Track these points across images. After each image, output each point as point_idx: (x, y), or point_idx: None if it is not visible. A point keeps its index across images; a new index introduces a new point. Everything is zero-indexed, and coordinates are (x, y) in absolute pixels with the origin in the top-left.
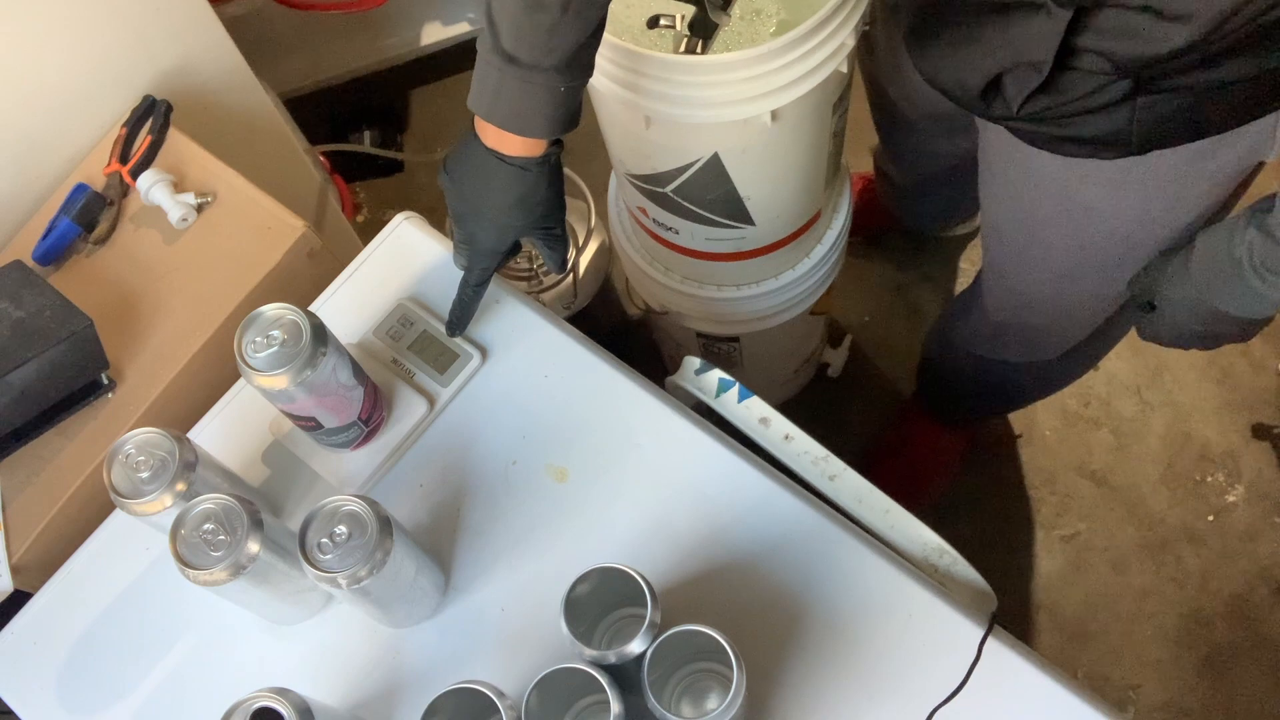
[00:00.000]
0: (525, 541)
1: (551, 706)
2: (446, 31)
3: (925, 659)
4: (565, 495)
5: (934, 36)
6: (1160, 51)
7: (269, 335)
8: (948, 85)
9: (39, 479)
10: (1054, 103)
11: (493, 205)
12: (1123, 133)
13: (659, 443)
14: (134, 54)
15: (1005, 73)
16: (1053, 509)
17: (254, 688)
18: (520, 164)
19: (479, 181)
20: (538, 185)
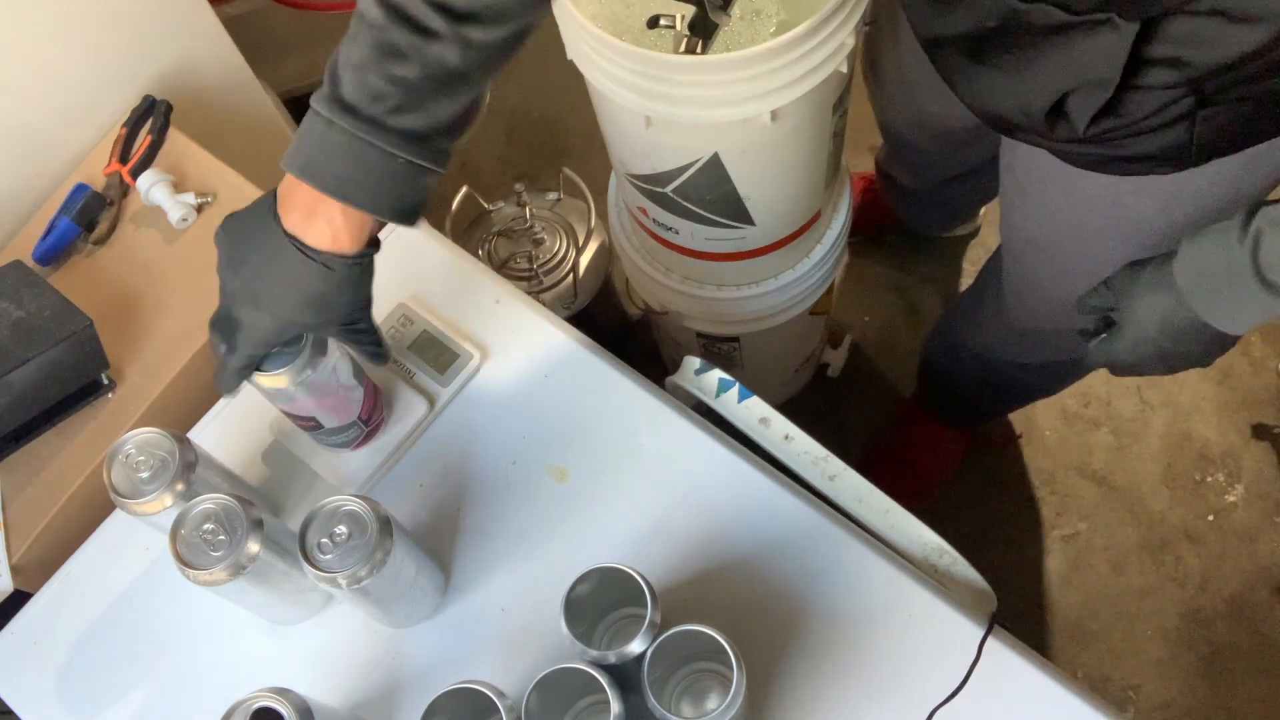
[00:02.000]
0: (525, 541)
1: (551, 706)
2: None
3: (925, 659)
4: (565, 495)
5: (990, 64)
6: (1230, 56)
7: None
8: (1006, 111)
9: (39, 479)
10: (1119, 124)
11: (275, 299)
12: (1183, 147)
13: (659, 443)
14: (134, 54)
15: (1070, 94)
16: (1053, 509)
17: (254, 688)
18: (321, 259)
19: (263, 266)
20: (341, 287)
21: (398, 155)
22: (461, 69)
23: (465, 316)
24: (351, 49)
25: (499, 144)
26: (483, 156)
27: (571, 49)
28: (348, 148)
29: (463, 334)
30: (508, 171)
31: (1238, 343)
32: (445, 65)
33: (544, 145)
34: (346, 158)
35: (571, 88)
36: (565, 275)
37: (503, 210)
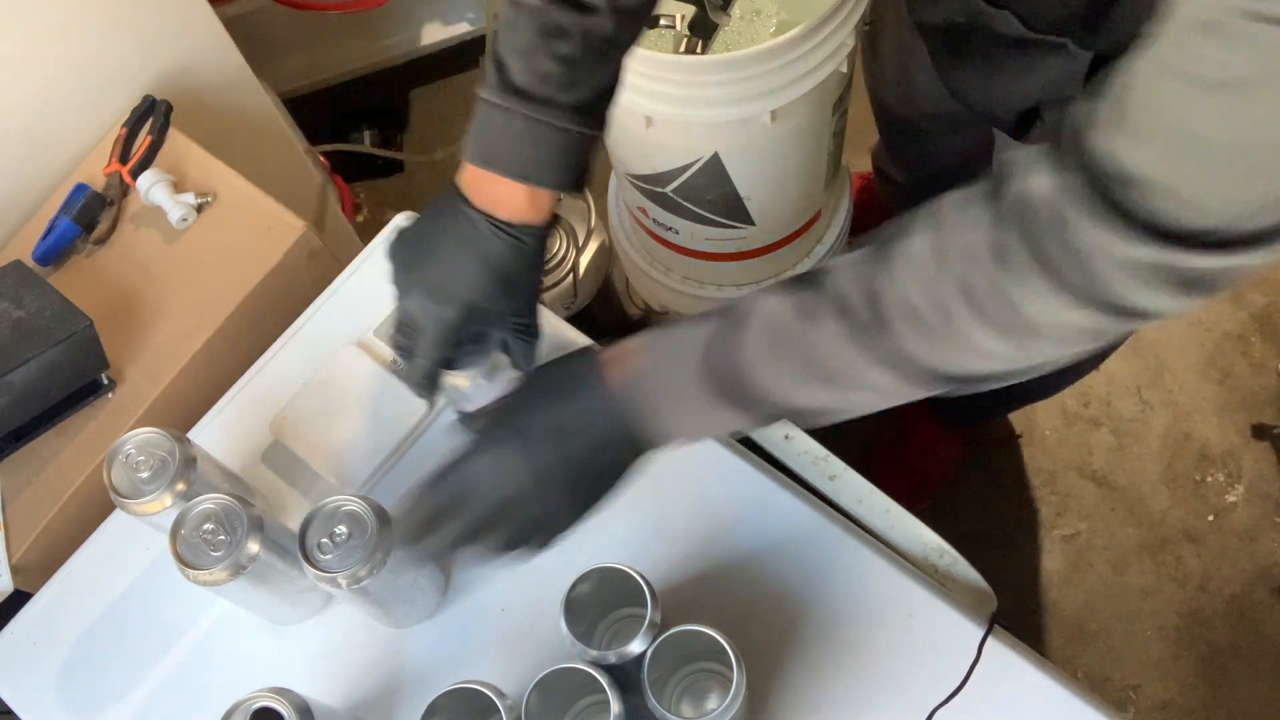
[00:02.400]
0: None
1: (551, 706)
2: (446, 31)
3: (925, 659)
4: None
5: (966, 60)
6: None
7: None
8: (980, 109)
9: (39, 479)
10: None
11: (464, 283)
12: None
13: None
14: (134, 54)
15: (1042, 105)
16: (1053, 509)
17: (254, 688)
18: (514, 231)
19: (455, 251)
20: (530, 263)
21: (571, 130)
22: (615, 36)
23: None
24: (512, 35)
25: None
26: None
27: None
28: (526, 131)
29: None
30: None
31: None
32: (603, 35)
33: None
34: (527, 141)
35: None
36: (565, 275)
37: None
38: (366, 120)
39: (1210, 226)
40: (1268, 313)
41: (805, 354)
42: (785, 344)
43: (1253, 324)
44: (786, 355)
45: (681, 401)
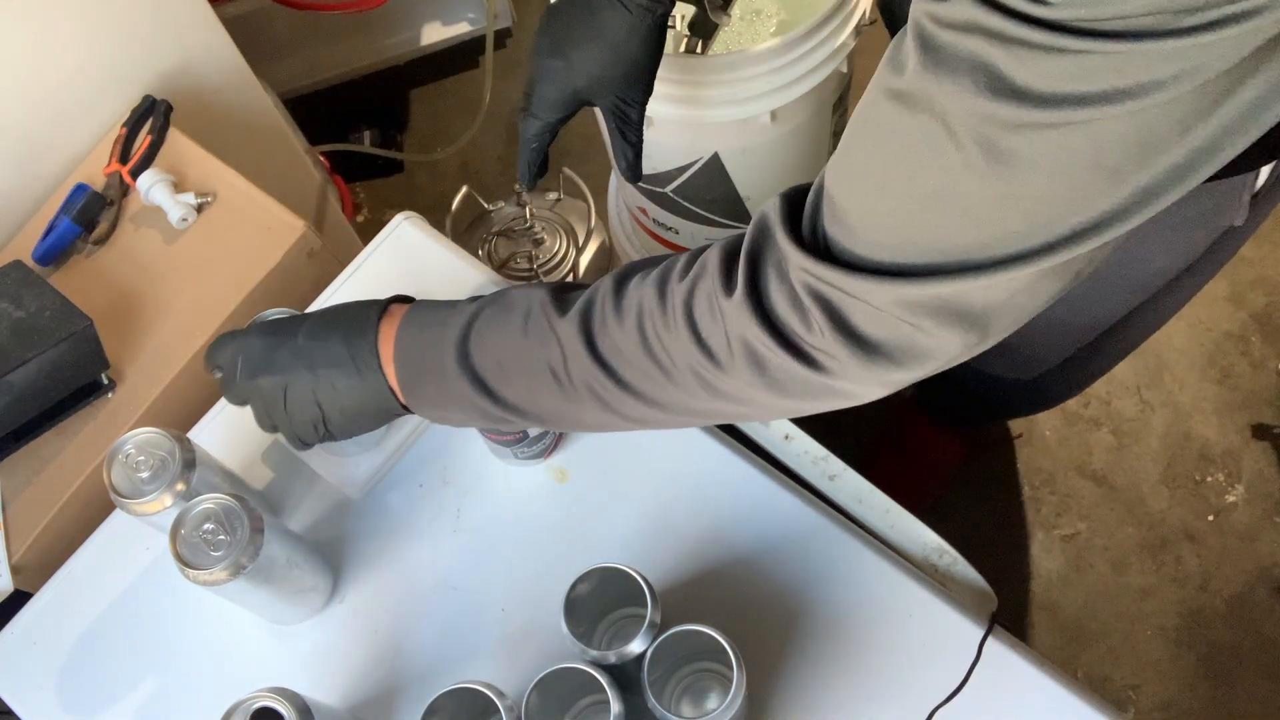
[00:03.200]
0: (525, 541)
1: (551, 706)
2: (446, 31)
3: (925, 659)
4: (565, 495)
5: None
6: None
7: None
8: None
9: (39, 479)
10: None
11: (576, 45)
12: None
13: (659, 443)
14: (134, 54)
15: None
16: (1053, 509)
17: (254, 688)
18: (626, 1)
19: (574, 21)
20: (631, 32)
21: None
22: None
23: None
24: None
25: (499, 144)
26: (483, 156)
27: None
28: None
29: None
30: (508, 171)
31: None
32: None
33: None
34: None
35: None
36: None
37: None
38: (366, 120)
39: (855, 251)
40: (1268, 313)
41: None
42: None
43: (1253, 324)
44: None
45: (436, 373)
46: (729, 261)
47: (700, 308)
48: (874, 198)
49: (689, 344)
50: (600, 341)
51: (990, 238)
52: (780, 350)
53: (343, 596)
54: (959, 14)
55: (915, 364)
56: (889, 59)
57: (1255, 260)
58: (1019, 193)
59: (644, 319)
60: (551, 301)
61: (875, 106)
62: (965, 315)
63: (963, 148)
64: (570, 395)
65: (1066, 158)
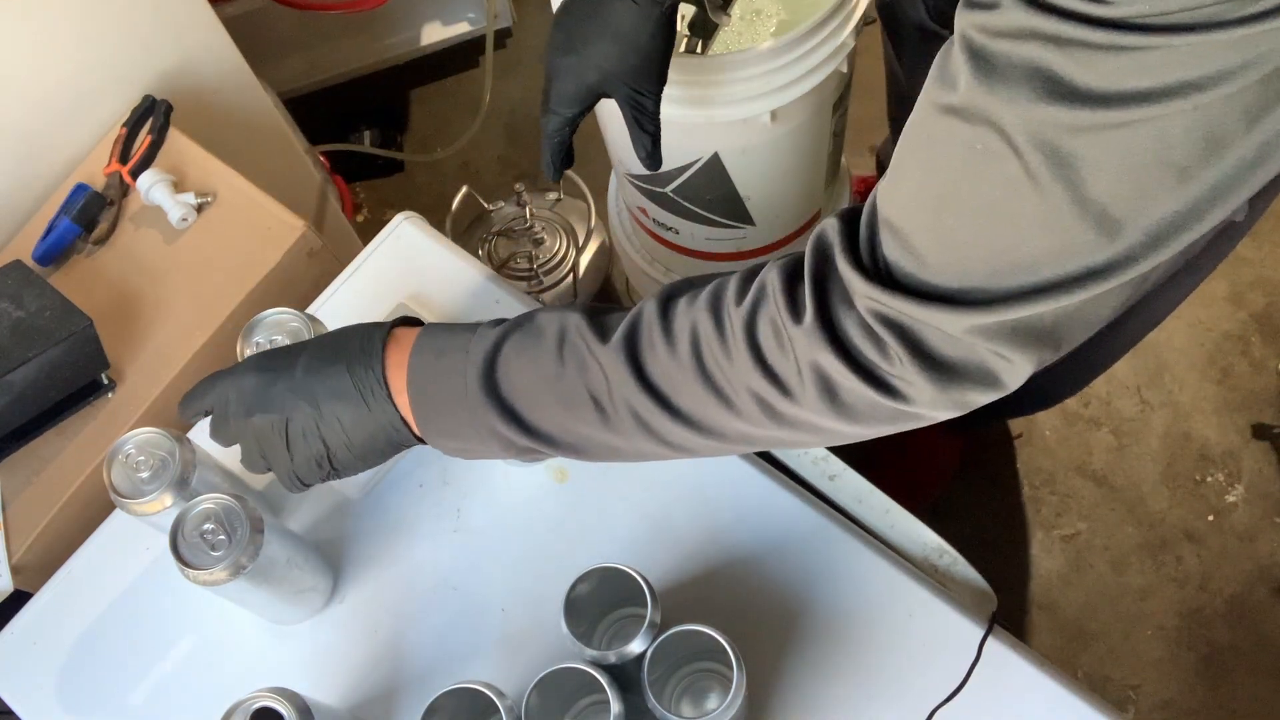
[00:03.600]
0: (525, 541)
1: (551, 706)
2: (446, 31)
3: (925, 659)
4: (565, 495)
5: (900, 48)
6: None
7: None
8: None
9: (39, 479)
10: None
11: (587, 40)
12: None
13: None
14: (134, 54)
15: None
16: (1053, 509)
17: (254, 688)
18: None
19: (583, 18)
20: (640, 25)
21: None
22: None
23: (465, 316)
24: None
25: (499, 144)
26: (483, 156)
27: None
28: None
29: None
30: (508, 171)
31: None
32: None
33: None
34: None
35: None
36: (565, 275)
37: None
38: (366, 120)
39: (922, 278)
40: (1268, 313)
41: (583, 369)
42: (567, 356)
43: (1253, 324)
44: (566, 368)
45: (456, 401)
46: (791, 285)
47: (764, 333)
48: (934, 217)
49: (753, 371)
50: (650, 367)
51: (1060, 246)
52: (855, 378)
53: (343, 596)
54: (1011, 21)
55: (992, 386)
56: (937, 75)
57: (1255, 260)
58: (1085, 197)
59: (700, 344)
60: (589, 325)
61: (927, 124)
62: (1039, 334)
63: (1024, 156)
64: (613, 424)
65: (1132, 157)
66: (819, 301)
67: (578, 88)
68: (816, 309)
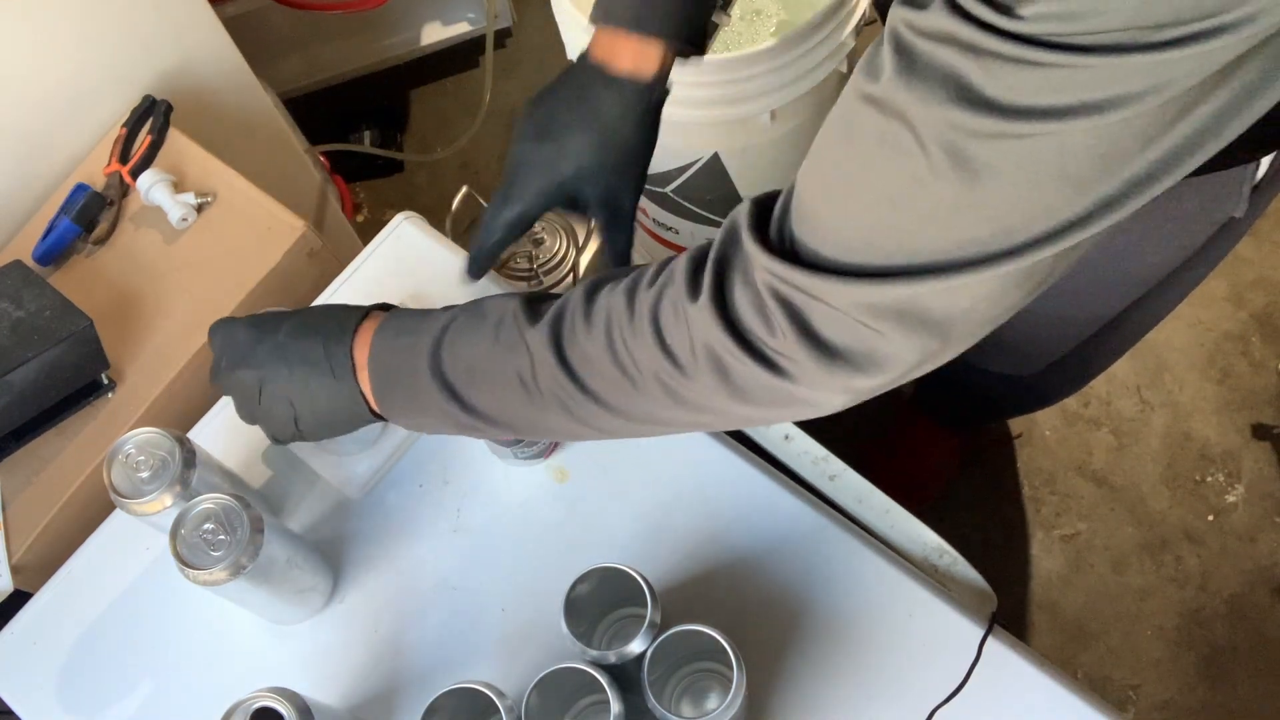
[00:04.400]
0: (525, 541)
1: (551, 706)
2: (446, 31)
3: (925, 659)
4: (565, 495)
5: None
6: None
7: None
8: None
9: (39, 479)
10: None
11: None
12: None
13: (659, 443)
14: (134, 54)
15: None
16: (1053, 509)
17: (254, 688)
18: (621, 80)
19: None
20: (626, 116)
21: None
22: None
23: None
24: None
25: (499, 144)
26: (483, 156)
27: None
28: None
29: None
30: None
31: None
32: None
33: None
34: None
35: None
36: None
37: None
38: (366, 120)
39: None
40: (1268, 313)
41: (512, 352)
42: (501, 339)
43: (1253, 324)
44: (498, 350)
45: (409, 379)
46: (696, 268)
47: (666, 314)
48: (841, 199)
49: (654, 350)
50: (569, 350)
51: (952, 242)
52: (742, 354)
53: (343, 596)
54: (934, 24)
55: (875, 370)
56: (865, 63)
57: (1255, 260)
58: (983, 200)
59: (612, 327)
60: (523, 310)
61: (849, 109)
62: (925, 321)
63: (930, 154)
64: (538, 404)
65: (1032, 168)
66: (716, 280)
67: (548, 182)
68: (713, 288)
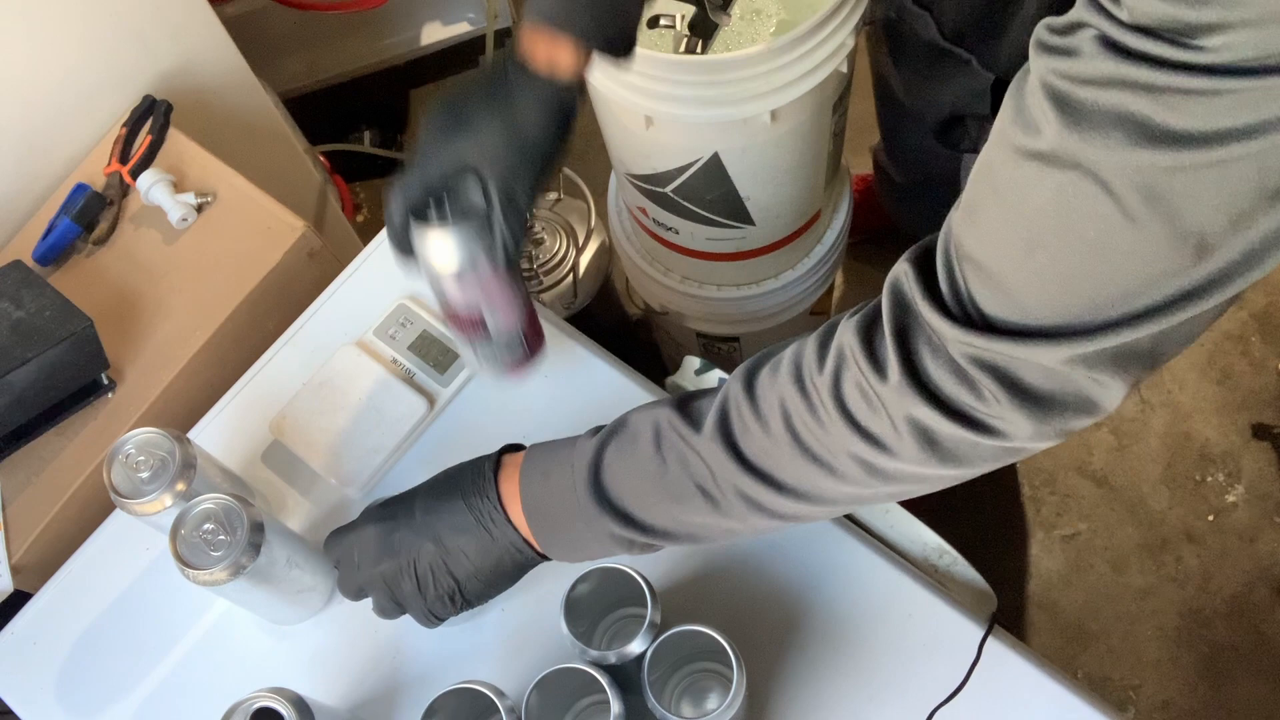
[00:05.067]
0: None
1: (551, 706)
2: (446, 31)
3: (925, 659)
4: None
5: (900, 61)
6: None
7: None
8: (910, 111)
9: (39, 479)
10: None
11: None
12: None
13: None
14: (134, 54)
15: (965, 118)
16: (1053, 509)
17: (254, 688)
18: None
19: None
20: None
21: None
22: None
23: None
24: None
25: None
26: None
27: None
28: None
29: None
30: None
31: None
32: None
33: None
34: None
35: None
36: (565, 275)
37: None
38: (366, 120)
39: (1016, 316)
40: (1268, 313)
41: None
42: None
43: (1253, 324)
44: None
45: (571, 516)
46: (870, 342)
47: (853, 398)
48: (1024, 257)
49: (848, 435)
50: (747, 450)
51: (1158, 274)
52: (952, 424)
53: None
54: (1096, 70)
55: (1090, 412)
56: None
57: None
58: (1183, 230)
59: (792, 419)
60: (680, 418)
61: (1009, 167)
62: (1138, 356)
63: (1120, 199)
64: (723, 509)
65: (1231, 189)
66: (902, 354)
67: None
68: (902, 363)
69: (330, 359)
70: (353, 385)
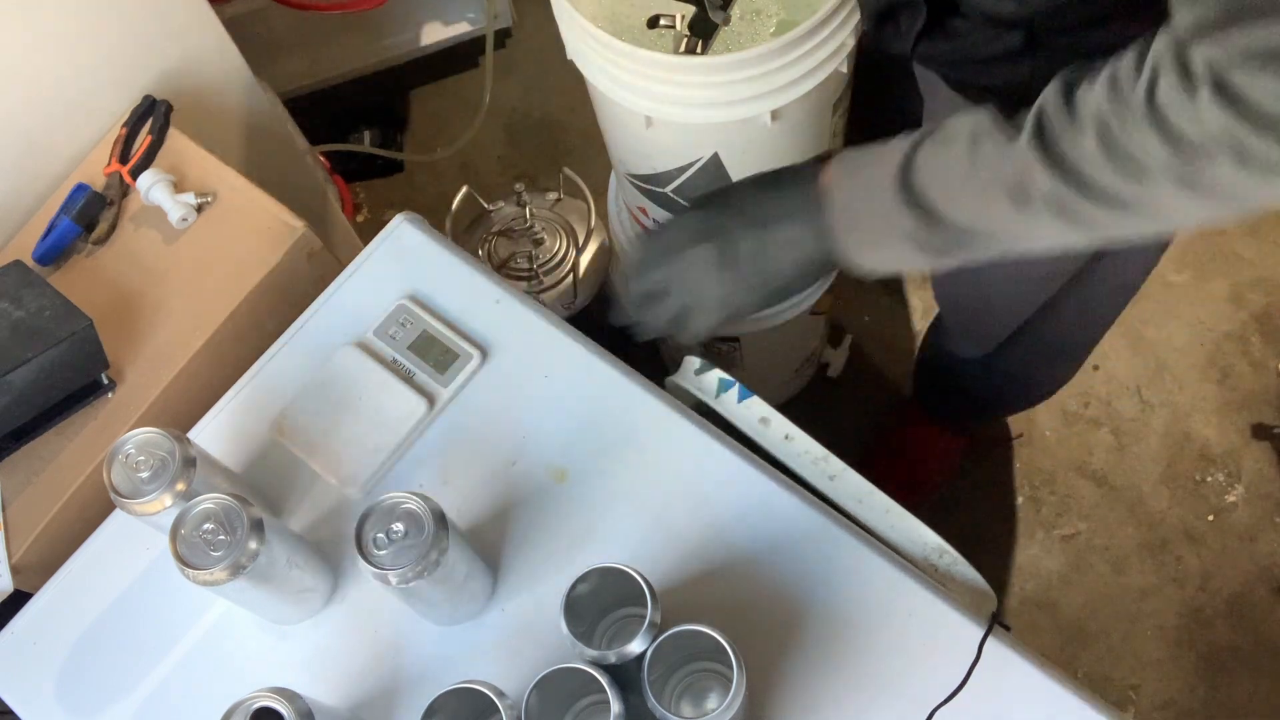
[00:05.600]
0: (525, 541)
1: (551, 706)
2: (446, 31)
3: (925, 659)
4: (565, 495)
5: None
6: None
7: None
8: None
9: (39, 479)
10: (953, 48)
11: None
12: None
13: (659, 443)
14: (134, 54)
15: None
16: (1053, 509)
17: (254, 688)
18: None
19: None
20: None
21: None
22: None
23: (465, 316)
24: None
25: (499, 144)
26: (483, 156)
27: (571, 49)
28: None
29: (463, 334)
30: (508, 171)
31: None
32: None
33: (544, 145)
34: None
35: (571, 88)
36: (565, 275)
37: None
38: (366, 120)
39: None
40: (1268, 313)
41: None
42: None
43: (1253, 324)
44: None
45: (875, 209)
46: (1180, 55)
47: (1170, 102)
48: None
49: (1162, 139)
50: (1065, 154)
51: None
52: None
53: (343, 596)
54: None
55: None
56: None
57: (1255, 260)
58: None
59: (1109, 123)
60: (995, 126)
61: None
62: None
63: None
64: (1028, 212)
65: None
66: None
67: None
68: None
69: (330, 359)
70: (353, 385)
